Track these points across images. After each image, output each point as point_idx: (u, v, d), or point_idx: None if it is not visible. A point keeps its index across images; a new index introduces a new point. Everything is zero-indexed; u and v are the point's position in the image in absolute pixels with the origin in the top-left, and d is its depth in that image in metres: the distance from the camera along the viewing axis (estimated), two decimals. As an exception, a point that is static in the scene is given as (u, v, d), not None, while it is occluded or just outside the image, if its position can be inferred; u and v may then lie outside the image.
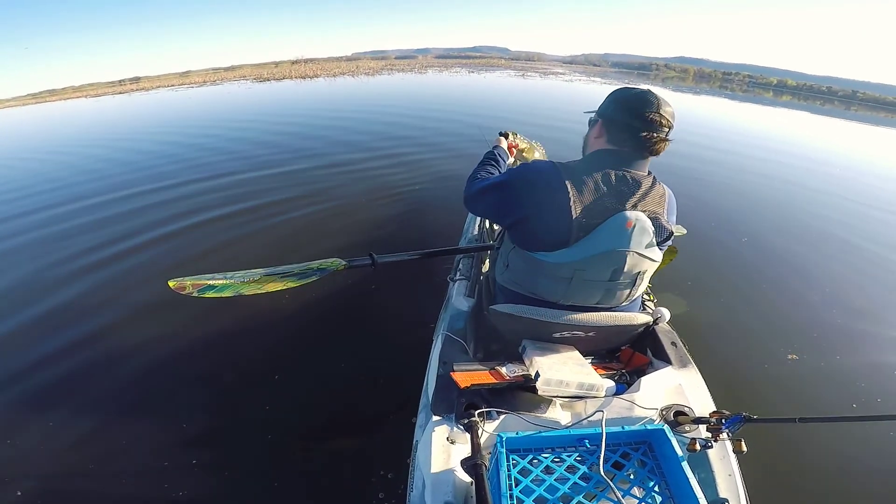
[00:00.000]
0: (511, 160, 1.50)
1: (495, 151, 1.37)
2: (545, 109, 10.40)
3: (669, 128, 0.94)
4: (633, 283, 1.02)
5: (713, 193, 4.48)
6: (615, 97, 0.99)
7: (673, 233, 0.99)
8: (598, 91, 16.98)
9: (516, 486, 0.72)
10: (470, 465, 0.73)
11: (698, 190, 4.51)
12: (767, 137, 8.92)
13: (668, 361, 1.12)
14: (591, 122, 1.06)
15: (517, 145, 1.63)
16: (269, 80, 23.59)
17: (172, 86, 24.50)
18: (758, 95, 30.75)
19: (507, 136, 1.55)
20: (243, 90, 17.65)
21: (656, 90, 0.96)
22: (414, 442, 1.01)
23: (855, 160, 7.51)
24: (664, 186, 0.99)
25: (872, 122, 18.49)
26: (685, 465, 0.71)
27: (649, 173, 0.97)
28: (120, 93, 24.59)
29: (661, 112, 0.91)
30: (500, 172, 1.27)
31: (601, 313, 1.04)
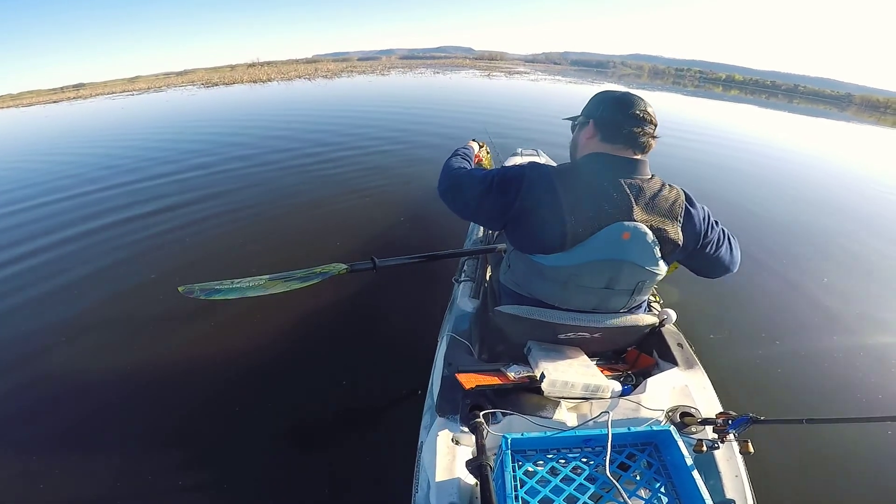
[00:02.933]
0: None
1: (466, 151, 1.30)
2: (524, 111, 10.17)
3: (655, 125, 0.96)
4: (632, 293, 1.00)
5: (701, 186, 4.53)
6: (603, 98, 1.01)
7: (680, 245, 0.94)
8: (561, 91, 16.90)
9: (521, 487, 0.72)
10: (475, 466, 0.73)
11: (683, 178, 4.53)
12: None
13: (674, 362, 1.12)
14: (579, 125, 1.05)
15: (481, 159, 1.61)
16: (217, 84, 22.06)
17: (113, 93, 22.80)
18: (708, 90, 31.06)
19: (480, 146, 1.53)
20: (185, 97, 16.51)
21: (615, 87, 0.99)
22: (419, 443, 1.01)
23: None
24: (677, 190, 0.96)
25: (823, 115, 19.42)
26: (691, 466, 0.71)
27: (653, 176, 0.95)
28: (55, 101, 22.55)
29: (647, 109, 0.95)
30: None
31: (606, 314, 1.04)
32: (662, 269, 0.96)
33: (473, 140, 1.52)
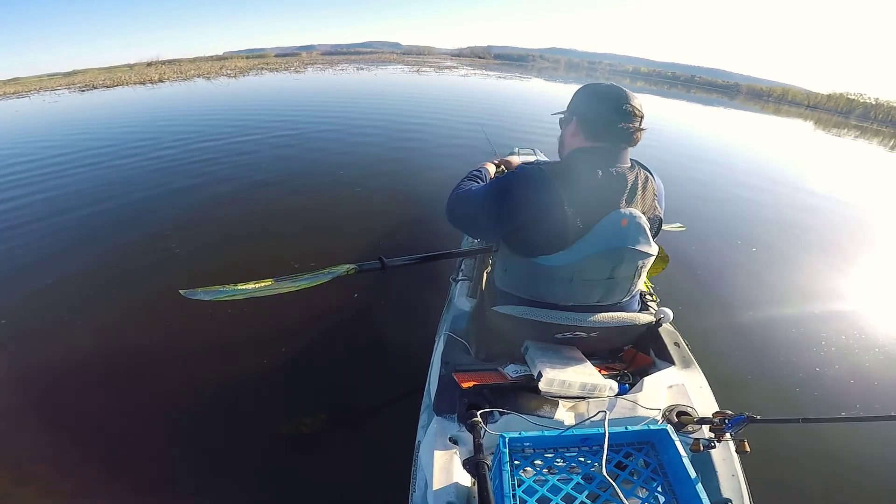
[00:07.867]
0: None
1: (475, 173, 1.26)
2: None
3: (642, 117, 0.95)
4: (632, 278, 1.02)
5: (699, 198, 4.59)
6: (587, 93, 1.00)
7: (662, 219, 1.02)
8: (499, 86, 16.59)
9: (519, 486, 0.72)
10: (472, 465, 0.73)
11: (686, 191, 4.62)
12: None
13: (670, 361, 1.12)
14: (564, 122, 1.06)
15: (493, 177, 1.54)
16: (95, 88, 17.89)
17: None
18: (619, 82, 32.63)
19: (497, 166, 1.47)
20: (43, 104, 12.76)
21: (541, 82, 0.97)
22: (416, 442, 1.01)
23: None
24: (650, 174, 1.00)
25: (717, 104, 21.24)
26: (688, 465, 0.71)
27: (632, 165, 0.98)
28: None
29: (633, 103, 0.94)
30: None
31: (604, 314, 1.04)
32: (654, 248, 0.99)
33: (491, 162, 1.45)
